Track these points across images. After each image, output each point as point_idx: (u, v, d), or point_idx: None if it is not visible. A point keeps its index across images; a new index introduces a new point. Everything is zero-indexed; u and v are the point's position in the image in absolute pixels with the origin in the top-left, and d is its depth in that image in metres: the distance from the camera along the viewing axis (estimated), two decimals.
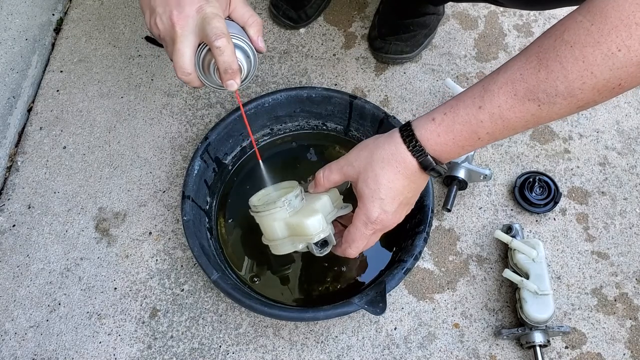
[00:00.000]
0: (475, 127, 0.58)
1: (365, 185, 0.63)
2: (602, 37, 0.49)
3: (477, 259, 0.93)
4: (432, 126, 0.60)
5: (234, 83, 0.59)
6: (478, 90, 0.57)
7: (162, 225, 0.96)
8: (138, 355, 0.86)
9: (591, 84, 0.51)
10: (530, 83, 0.54)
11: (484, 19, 1.16)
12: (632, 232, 0.95)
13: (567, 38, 0.52)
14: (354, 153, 0.65)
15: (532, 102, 0.54)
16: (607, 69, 0.50)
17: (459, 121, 0.58)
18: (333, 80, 1.09)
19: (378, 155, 0.62)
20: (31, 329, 0.88)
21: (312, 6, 1.12)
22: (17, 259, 0.94)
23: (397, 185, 0.62)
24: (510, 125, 0.57)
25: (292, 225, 0.69)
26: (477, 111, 0.57)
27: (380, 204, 0.63)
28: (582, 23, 0.51)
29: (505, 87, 0.55)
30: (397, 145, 0.61)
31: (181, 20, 0.57)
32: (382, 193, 0.62)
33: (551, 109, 0.54)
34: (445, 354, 0.86)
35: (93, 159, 1.02)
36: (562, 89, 0.52)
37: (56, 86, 1.10)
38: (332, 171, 0.67)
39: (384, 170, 0.62)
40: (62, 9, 1.20)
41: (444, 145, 0.60)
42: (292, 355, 0.86)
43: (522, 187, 0.95)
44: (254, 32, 0.63)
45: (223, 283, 0.77)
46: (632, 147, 1.02)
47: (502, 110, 0.56)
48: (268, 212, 0.69)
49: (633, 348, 0.86)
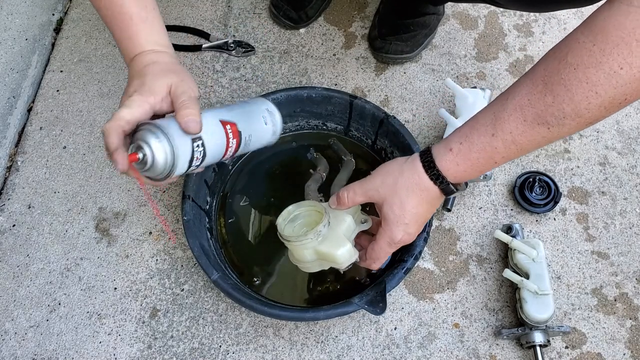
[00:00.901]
0: (490, 153, 0.61)
1: (390, 211, 0.67)
2: (604, 56, 0.50)
3: (477, 259, 0.93)
4: (451, 156, 0.63)
5: (119, 162, 0.57)
6: (489, 117, 0.60)
7: (162, 225, 0.95)
8: (138, 355, 0.86)
9: (597, 103, 0.52)
10: (538, 108, 0.56)
11: (484, 19, 1.16)
12: (632, 232, 0.95)
13: (570, 60, 0.53)
14: (379, 179, 0.68)
15: (541, 126, 0.56)
16: (611, 87, 0.51)
17: (475, 149, 0.61)
18: (333, 80, 1.09)
19: (402, 183, 0.66)
20: (31, 328, 0.88)
21: (313, 7, 1.12)
22: (17, 259, 0.94)
23: (420, 211, 0.67)
24: (523, 148, 0.59)
25: (321, 253, 0.72)
26: (490, 139, 0.60)
27: (404, 228, 0.67)
28: (584, 44, 0.52)
29: (515, 114, 0.57)
30: (420, 175, 0.65)
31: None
32: (407, 218, 0.66)
33: (561, 130, 0.56)
34: (445, 353, 0.86)
35: (93, 159, 1.02)
36: (569, 111, 0.54)
37: (56, 86, 1.10)
38: (357, 194, 0.70)
39: (409, 198, 0.66)
40: (62, 9, 1.20)
41: (463, 172, 0.63)
42: (292, 355, 0.86)
43: (522, 187, 0.95)
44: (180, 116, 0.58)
45: (223, 283, 0.77)
46: (632, 147, 1.02)
47: (514, 135, 0.58)
48: (300, 243, 0.72)
49: (633, 348, 0.86)
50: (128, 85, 0.62)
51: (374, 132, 0.93)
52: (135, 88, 0.60)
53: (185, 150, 0.58)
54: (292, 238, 0.72)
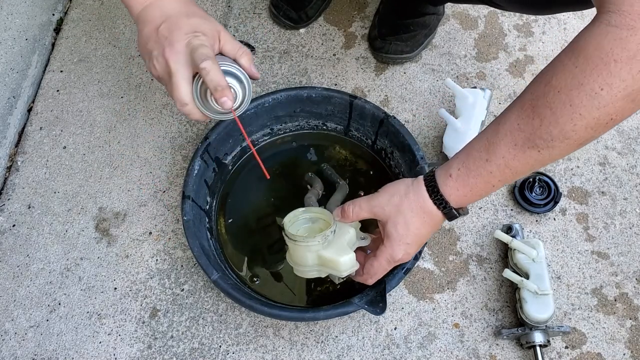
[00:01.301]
0: (487, 178, 0.62)
1: (394, 230, 0.68)
2: (585, 78, 0.51)
3: (477, 259, 0.93)
4: (451, 182, 0.64)
5: (227, 100, 0.61)
6: (483, 143, 0.62)
7: (162, 225, 0.96)
8: (138, 355, 0.86)
9: (582, 124, 0.53)
10: (527, 132, 0.57)
11: (484, 19, 1.16)
12: (632, 232, 0.95)
13: (554, 83, 0.54)
14: (386, 197, 0.69)
15: (532, 150, 0.57)
16: (593, 108, 0.52)
17: (472, 175, 0.63)
18: (333, 80, 1.09)
19: (407, 205, 0.67)
20: (31, 329, 0.88)
21: (313, 7, 1.12)
22: (17, 259, 0.94)
23: (423, 232, 0.68)
24: (517, 171, 0.60)
25: (324, 258, 0.72)
26: (485, 164, 0.61)
27: (405, 248, 0.68)
28: (567, 66, 0.53)
29: (506, 139, 0.59)
30: (424, 199, 0.67)
31: (173, 56, 0.62)
32: (409, 239, 0.68)
33: (552, 152, 0.57)
34: (445, 353, 0.86)
35: (93, 159, 1.02)
36: (556, 133, 0.55)
37: (56, 86, 1.10)
38: (362, 209, 0.71)
39: (413, 219, 0.67)
40: (62, 9, 1.20)
41: (464, 197, 0.64)
42: (292, 355, 0.86)
43: (522, 187, 0.95)
44: (246, 61, 0.67)
45: (223, 283, 0.77)
46: (632, 147, 1.02)
47: (507, 160, 0.59)
48: (305, 244, 0.72)
49: (633, 348, 0.86)
50: (170, 23, 0.63)
51: (374, 132, 0.93)
52: (193, 27, 0.63)
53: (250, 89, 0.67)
54: (299, 238, 0.72)
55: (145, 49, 0.65)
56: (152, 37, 0.64)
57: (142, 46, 0.66)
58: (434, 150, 1.01)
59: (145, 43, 0.65)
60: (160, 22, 0.64)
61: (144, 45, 0.65)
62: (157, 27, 0.64)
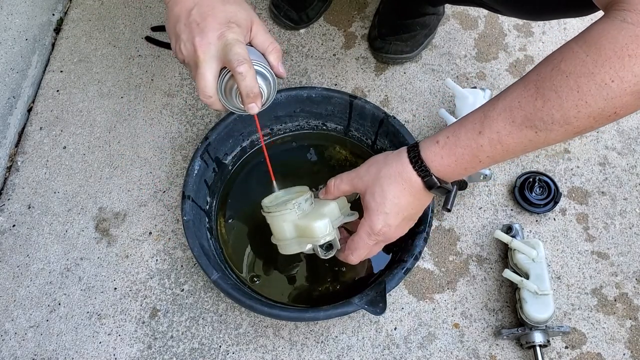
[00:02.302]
0: (475, 151, 0.60)
1: (372, 199, 0.66)
2: (597, 68, 0.51)
3: (477, 259, 0.93)
4: (436, 148, 0.63)
5: (255, 106, 0.61)
6: (478, 115, 0.60)
7: (162, 225, 0.96)
8: (138, 355, 0.86)
9: (586, 112, 0.53)
10: (528, 111, 0.56)
11: (484, 19, 1.16)
12: (632, 232, 0.95)
13: (563, 67, 0.53)
14: (364, 167, 0.68)
15: (529, 129, 0.57)
16: (601, 98, 0.52)
17: (460, 145, 0.61)
18: (333, 80, 1.09)
19: (386, 172, 0.65)
20: (31, 329, 0.88)
21: (314, 8, 1.12)
22: (17, 259, 0.94)
23: (402, 202, 0.66)
24: (509, 150, 0.59)
25: (300, 227, 0.71)
26: (477, 136, 0.60)
27: (384, 218, 0.66)
28: (577, 54, 0.53)
29: (504, 114, 0.58)
30: (403, 165, 0.65)
31: (203, 46, 0.59)
32: (387, 207, 0.65)
33: (548, 136, 0.56)
34: (445, 354, 0.86)
35: (93, 159, 1.02)
36: (558, 117, 0.54)
37: (56, 86, 1.10)
38: (343, 181, 0.70)
39: (390, 187, 0.65)
40: (62, 9, 1.20)
41: (447, 166, 0.63)
42: (292, 355, 0.86)
43: (522, 187, 0.95)
44: (274, 59, 0.65)
45: (223, 283, 0.77)
46: (632, 147, 1.02)
47: (501, 135, 0.58)
48: (279, 213, 0.72)
49: (633, 348, 0.86)
50: (203, 7, 0.60)
51: (374, 132, 0.93)
52: (228, 16, 0.61)
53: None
54: (272, 208, 0.72)
55: (174, 30, 0.62)
56: (182, 20, 0.61)
57: (171, 26, 0.63)
58: None
59: (174, 24, 0.62)
60: (193, 4, 0.61)
61: (172, 25, 0.62)
62: (189, 9, 0.60)
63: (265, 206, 0.74)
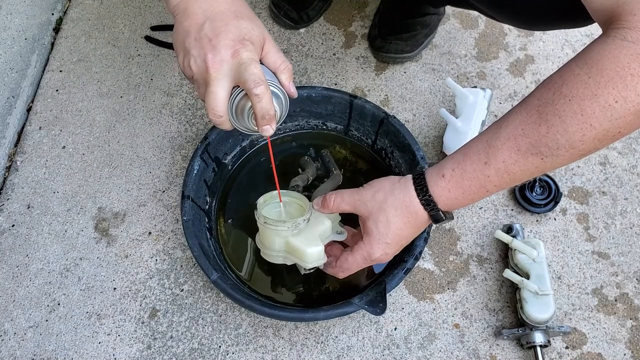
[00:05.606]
0: (483, 182, 0.60)
1: (375, 227, 0.66)
2: (599, 89, 0.50)
3: (478, 259, 0.92)
4: (443, 183, 0.62)
5: (270, 128, 0.59)
6: (482, 145, 0.60)
7: (162, 225, 0.95)
8: (138, 355, 0.86)
9: (591, 135, 0.52)
10: (532, 138, 0.55)
11: (484, 19, 1.15)
12: (633, 232, 0.94)
13: (565, 91, 0.53)
14: (369, 193, 0.67)
15: (535, 156, 0.56)
16: (605, 120, 0.51)
17: (467, 177, 0.61)
18: (333, 79, 1.09)
19: (392, 202, 0.65)
20: (30, 329, 0.88)
21: (314, 8, 1.12)
22: (16, 259, 0.93)
23: (404, 233, 0.66)
24: (516, 178, 0.59)
25: (291, 246, 0.71)
26: (483, 167, 0.59)
27: (384, 247, 0.66)
28: (579, 76, 0.52)
29: (508, 143, 0.57)
30: (411, 197, 0.64)
31: (216, 64, 0.56)
32: (389, 238, 0.66)
33: (554, 161, 0.56)
34: (445, 354, 0.85)
35: (92, 159, 1.02)
36: (563, 142, 0.54)
37: (55, 86, 1.09)
38: (344, 201, 0.69)
39: (396, 218, 0.65)
40: (62, 9, 1.20)
41: (455, 199, 0.63)
42: (292, 355, 0.85)
43: (523, 187, 0.95)
44: (286, 78, 0.63)
45: (223, 283, 0.77)
46: (633, 147, 1.02)
47: (507, 165, 0.58)
48: (274, 228, 0.71)
49: (633, 348, 0.86)
50: (216, 22, 0.57)
51: (374, 132, 0.93)
52: (241, 33, 0.58)
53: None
54: (269, 221, 0.71)
55: (183, 44, 0.59)
56: (193, 34, 0.58)
57: (180, 41, 0.59)
58: (434, 150, 1.01)
59: (183, 38, 0.59)
60: (204, 18, 0.58)
61: (181, 40, 0.59)
62: (201, 23, 0.57)
63: (261, 215, 0.72)
